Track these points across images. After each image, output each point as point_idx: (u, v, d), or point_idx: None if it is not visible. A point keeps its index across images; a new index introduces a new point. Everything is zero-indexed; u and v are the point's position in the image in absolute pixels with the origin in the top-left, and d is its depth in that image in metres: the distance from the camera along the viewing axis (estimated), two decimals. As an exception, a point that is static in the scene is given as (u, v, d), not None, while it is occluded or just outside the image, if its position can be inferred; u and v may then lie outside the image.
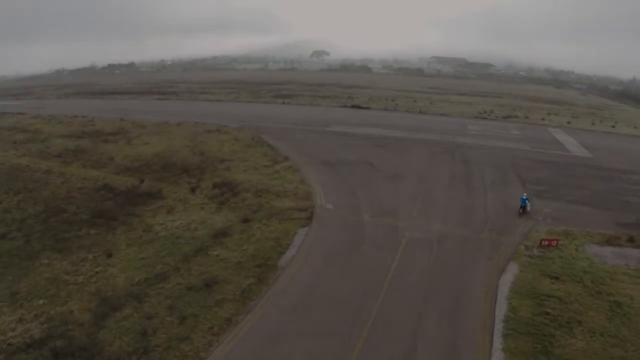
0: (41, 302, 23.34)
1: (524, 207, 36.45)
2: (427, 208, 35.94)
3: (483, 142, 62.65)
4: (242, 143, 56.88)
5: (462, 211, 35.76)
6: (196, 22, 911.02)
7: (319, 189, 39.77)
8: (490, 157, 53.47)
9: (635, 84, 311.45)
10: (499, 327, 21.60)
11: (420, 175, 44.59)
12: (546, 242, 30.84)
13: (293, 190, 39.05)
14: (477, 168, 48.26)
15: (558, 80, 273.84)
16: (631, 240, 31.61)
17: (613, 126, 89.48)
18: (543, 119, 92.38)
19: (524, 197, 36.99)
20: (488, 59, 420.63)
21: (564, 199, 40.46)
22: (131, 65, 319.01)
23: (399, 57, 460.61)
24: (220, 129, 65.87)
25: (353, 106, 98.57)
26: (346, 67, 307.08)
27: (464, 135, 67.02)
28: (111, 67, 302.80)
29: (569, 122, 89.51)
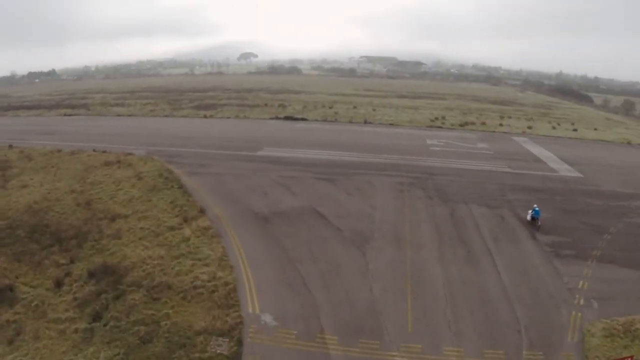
0: None
1: (535, 219, 34.12)
2: (424, 308, 23.04)
3: (453, 163, 51.50)
4: (145, 183, 41.51)
5: (476, 307, 23.30)
6: (122, 26, 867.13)
7: (249, 276, 25.73)
8: (472, 189, 42.18)
9: (563, 77, 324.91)
10: None
11: (394, 232, 31.76)
12: (618, 363, 19.76)
13: (209, 284, 24.69)
14: (464, 210, 36.48)
15: (492, 77, 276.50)
16: None
17: (575, 129, 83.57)
18: (501, 125, 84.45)
19: (536, 209, 34.56)
20: (417, 56, 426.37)
21: (591, 255, 30.03)
22: (52, 73, 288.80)
23: (328, 57, 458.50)
24: (121, 159, 49.80)
25: (286, 118, 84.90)
26: (275, 69, 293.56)
27: (427, 155, 55.64)
28: (31, 76, 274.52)
29: (529, 127, 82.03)
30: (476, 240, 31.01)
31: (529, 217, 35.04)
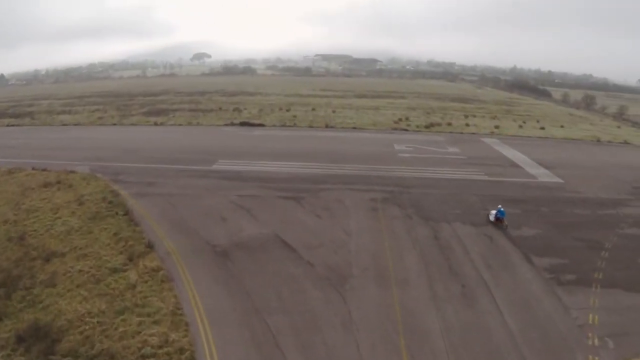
0: None
1: (500, 219, 34.41)
2: (425, 370, 19.53)
3: (426, 172, 48.71)
4: (87, 210, 36.14)
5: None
6: (72, 27, 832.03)
7: (209, 336, 21.20)
8: (452, 203, 39.30)
9: (517, 71, 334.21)
10: None
11: (376, 266, 28.02)
12: None
13: (161, 351, 19.87)
14: (449, 231, 33.35)
15: (449, 73, 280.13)
16: None
17: (542, 128, 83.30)
18: (467, 125, 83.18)
19: (501, 210, 34.77)
20: (372, 53, 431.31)
21: (593, 279, 27.70)
22: (1, 78, 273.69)
23: (282, 56, 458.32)
24: (62, 178, 43.98)
25: (242, 123, 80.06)
26: (229, 70, 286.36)
27: (397, 163, 52.62)
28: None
29: (497, 127, 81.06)
30: (468, 269, 27.80)
31: (492, 218, 35.12)
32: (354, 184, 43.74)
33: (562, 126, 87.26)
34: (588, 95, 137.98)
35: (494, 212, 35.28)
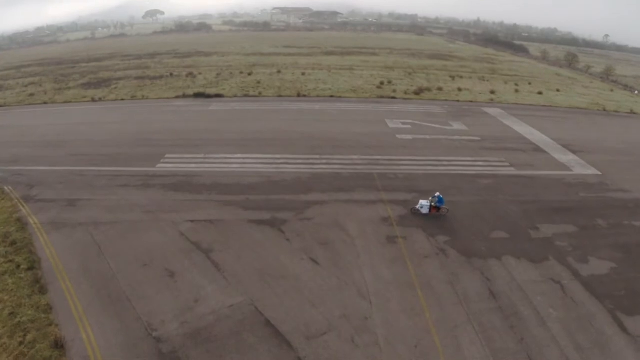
0: None
1: (439, 207, 28.92)
2: None
3: (438, 164, 38.48)
4: None
5: None
6: None
7: None
8: (489, 218, 29.28)
9: (481, 24, 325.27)
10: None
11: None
12: None
13: None
14: (503, 275, 23.18)
15: (416, 26, 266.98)
16: None
17: (540, 92, 74.35)
18: (460, 90, 72.92)
19: (440, 197, 28.78)
20: (331, 6, 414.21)
21: None
22: None
23: (239, 11, 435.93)
24: None
25: (197, 95, 65.99)
26: (183, 27, 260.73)
27: (399, 150, 41.95)
28: None
29: (493, 92, 71.23)
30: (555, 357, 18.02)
31: (424, 211, 28.95)
32: (353, 191, 32.80)
33: (558, 90, 78.43)
34: (570, 53, 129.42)
35: (425, 202, 28.96)
